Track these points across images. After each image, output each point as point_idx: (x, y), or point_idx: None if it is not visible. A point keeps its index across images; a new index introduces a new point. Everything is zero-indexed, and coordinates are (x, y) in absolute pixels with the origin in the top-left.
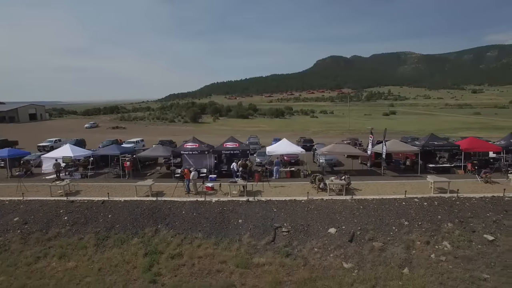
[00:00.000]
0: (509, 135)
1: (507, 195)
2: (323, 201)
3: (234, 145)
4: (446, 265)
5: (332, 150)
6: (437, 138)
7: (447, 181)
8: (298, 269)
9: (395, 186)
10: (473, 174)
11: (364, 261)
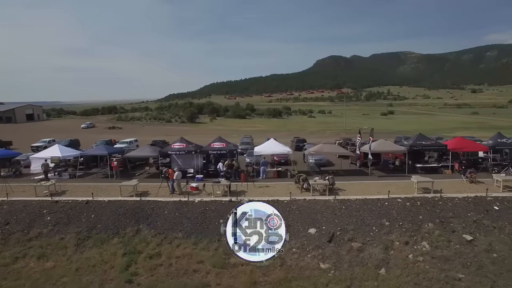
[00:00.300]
0: (496, 134)
1: (489, 195)
2: (306, 201)
3: (221, 145)
4: (423, 266)
5: (320, 150)
6: (425, 138)
7: (431, 181)
8: (274, 269)
9: (380, 186)
10: (460, 174)
11: (341, 262)
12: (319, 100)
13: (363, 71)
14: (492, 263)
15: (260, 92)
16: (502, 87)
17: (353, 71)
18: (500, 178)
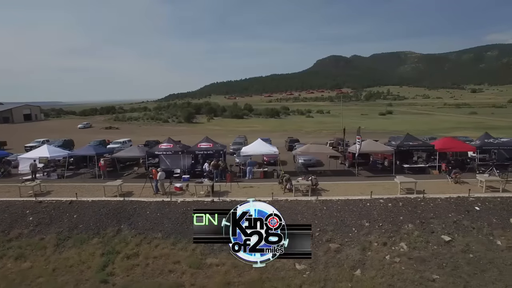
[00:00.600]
0: (484, 134)
1: (472, 195)
2: (287, 201)
3: (208, 145)
4: (398, 267)
5: (306, 151)
6: (412, 138)
7: (414, 182)
8: (249, 270)
9: (365, 187)
10: (446, 175)
11: (317, 263)
12: (319, 100)
13: (363, 71)
14: (468, 263)
15: (260, 92)
16: (502, 87)
17: (353, 71)
18: (483, 178)
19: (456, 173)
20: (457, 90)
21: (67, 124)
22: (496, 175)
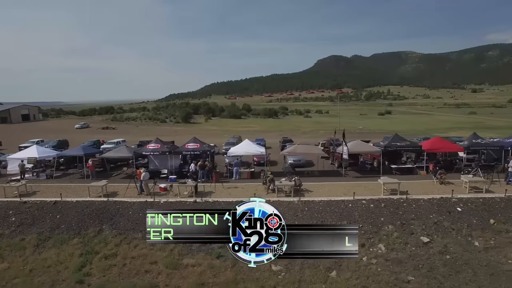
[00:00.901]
0: (472, 135)
1: (455, 196)
2: (269, 202)
3: (196, 146)
4: (374, 268)
5: (293, 151)
6: (400, 138)
7: (397, 183)
8: (225, 270)
9: (349, 188)
10: (432, 175)
11: (293, 264)
12: (319, 100)
13: (364, 71)
14: (444, 264)
15: (260, 92)
16: (502, 87)
17: (354, 71)
18: (467, 179)
19: (441, 174)
20: (457, 90)
21: (65, 124)
22: (480, 175)
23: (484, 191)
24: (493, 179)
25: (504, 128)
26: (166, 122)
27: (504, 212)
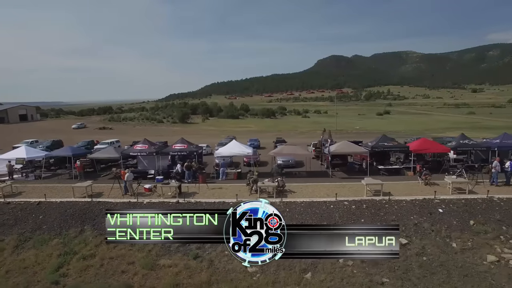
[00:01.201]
0: (460, 136)
1: (438, 197)
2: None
3: (183, 147)
4: (350, 270)
5: (279, 152)
6: (388, 139)
7: (380, 184)
8: (201, 271)
9: (333, 188)
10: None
11: (269, 265)
12: (319, 100)
13: (365, 71)
14: (420, 266)
15: (260, 92)
16: (503, 87)
17: (354, 71)
18: (450, 180)
19: (426, 175)
20: (457, 90)
21: (62, 125)
22: (464, 176)
23: (467, 192)
24: (477, 180)
25: (501, 128)
26: (163, 122)
27: (485, 213)
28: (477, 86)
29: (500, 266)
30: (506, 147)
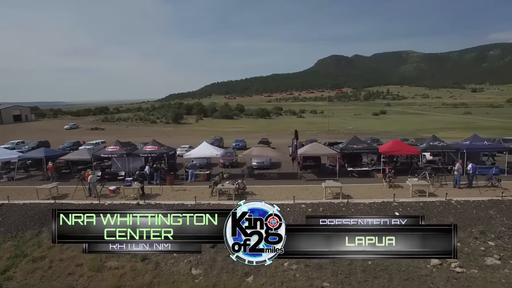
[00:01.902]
0: (431, 137)
1: (397, 200)
2: (208, 205)
3: (153, 148)
4: (292, 274)
5: (249, 154)
6: (358, 141)
7: (340, 186)
8: (145, 273)
9: (295, 191)
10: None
11: (213, 268)
12: (318, 100)
13: (365, 71)
14: (363, 270)
15: (260, 91)
16: (503, 86)
17: (354, 71)
18: (411, 182)
19: (390, 177)
20: (457, 90)
21: (56, 125)
22: (427, 179)
23: (427, 195)
24: (442, 183)
25: (495, 128)
26: (157, 123)
27: (440, 216)
28: (477, 86)
29: (442, 269)
30: (475, 148)
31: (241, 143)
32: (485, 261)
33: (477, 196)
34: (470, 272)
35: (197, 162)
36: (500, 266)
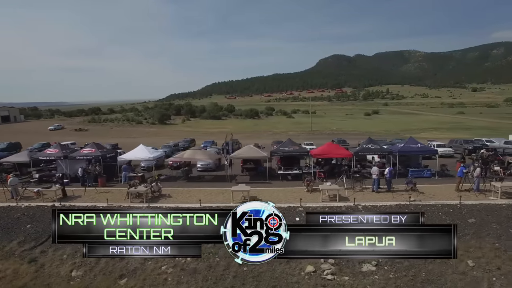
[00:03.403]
0: (367, 139)
1: (303, 205)
2: (119, 207)
3: (90, 151)
4: (164, 277)
5: (191, 156)
6: (292, 143)
7: (247, 190)
8: (25, 275)
9: (211, 194)
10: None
11: (94, 270)
12: (317, 100)
13: (367, 70)
14: (234, 276)
15: (260, 91)
16: (505, 86)
17: (356, 70)
18: (322, 187)
19: (308, 181)
20: (458, 89)
21: (43, 126)
22: (343, 183)
23: (337, 200)
24: (363, 187)
25: (479, 128)
26: (143, 124)
27: None
28: (479, 85)
29: (313, 277)
30: (407, 151)
31: (209, 144)
32: (361, 267)
33: (388, 201)
34: (341, 280)
35: (146, 164)
36: (374, 272)
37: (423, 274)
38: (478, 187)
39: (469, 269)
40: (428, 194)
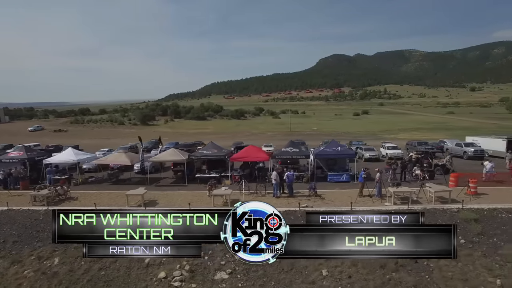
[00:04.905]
0: (288, 142)
1: (193, 208)
2: (27, 211)
3: (18, 154)
4: (20, 282)
5: (116, 159)
6: (215, 146)
7: (141, 194)
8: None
9: (121, 197)
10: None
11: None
12: (315, 100)
13: (367, 70)
14: (89, 280)
15: (259, 91)
16: (504, 85)
17: (356, 70)
18: (221, 192)
19: (210, 185)
20: (457, 89)
21: (25, 127)
22: (242, 187)
23: (229, 204)
24: (267, 191)
25: (462, 129)
26: (125, 124)
27: None
28: (478, 84)
29: (162, 283)
30: (325, 155)
31: (171, 146)
32: (214, 275)
33: (279, 206)
34: (189, 286)
35: (87, 166)
36: (224, 280)
37: (272, 283)
38: (379, 192)
39: (321, 279)
40: (328, 199)
